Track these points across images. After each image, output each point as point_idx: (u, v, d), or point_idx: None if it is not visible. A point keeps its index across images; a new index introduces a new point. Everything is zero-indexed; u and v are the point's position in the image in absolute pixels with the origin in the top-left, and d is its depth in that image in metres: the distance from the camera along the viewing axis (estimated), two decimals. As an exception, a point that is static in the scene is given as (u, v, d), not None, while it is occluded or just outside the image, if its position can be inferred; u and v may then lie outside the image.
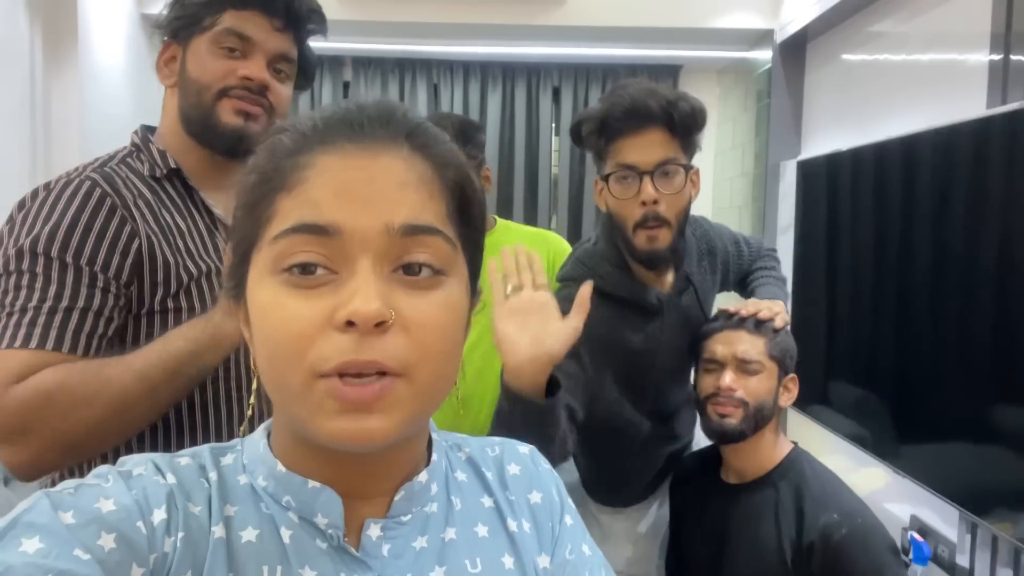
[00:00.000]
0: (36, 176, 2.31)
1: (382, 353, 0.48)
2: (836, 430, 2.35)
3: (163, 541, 0.49)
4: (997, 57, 1.84)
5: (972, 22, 1.95)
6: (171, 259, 1.01)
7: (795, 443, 1.40)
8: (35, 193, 0.98)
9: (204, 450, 0.57)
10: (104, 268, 0.95)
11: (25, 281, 0.92)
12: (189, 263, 1.03)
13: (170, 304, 1.01)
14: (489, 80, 3.68)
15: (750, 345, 1.36)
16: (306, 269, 0.49)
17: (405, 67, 3.65)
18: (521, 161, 3.69)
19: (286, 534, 0.53)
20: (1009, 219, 1.62)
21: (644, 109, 1.25)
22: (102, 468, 0.52)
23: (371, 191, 0.50)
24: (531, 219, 3.75)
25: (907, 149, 1.99)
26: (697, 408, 1.45)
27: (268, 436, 0.58)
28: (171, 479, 0.52)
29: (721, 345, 1.39)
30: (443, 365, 0.52)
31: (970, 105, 1.94)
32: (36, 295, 0.92)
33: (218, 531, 0.51)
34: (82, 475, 0.51)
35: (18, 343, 0.89)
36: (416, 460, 0.60)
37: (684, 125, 1.27)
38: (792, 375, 1.39)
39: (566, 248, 1.84)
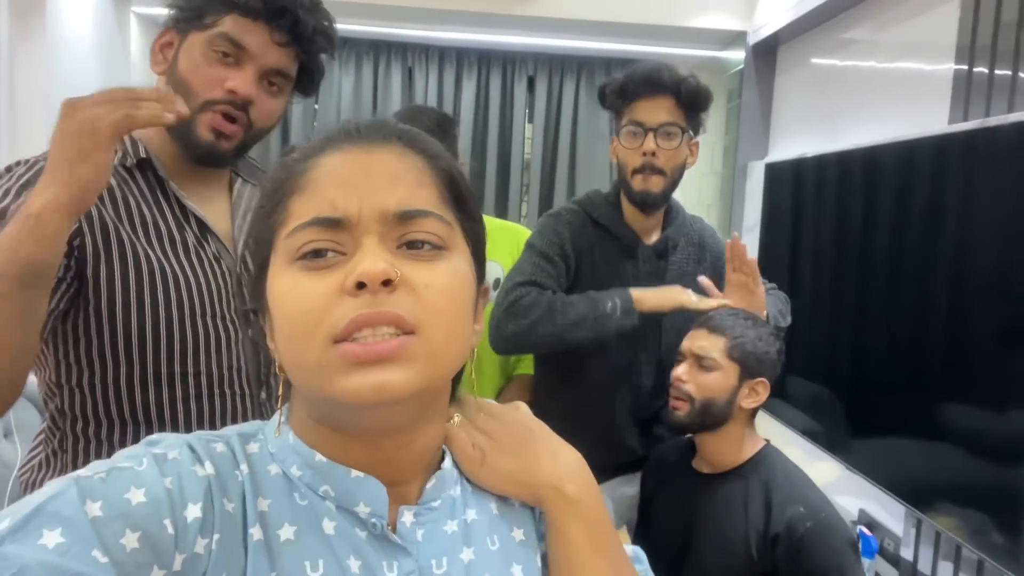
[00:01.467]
0: (1, 144, 2.26)
1: (394, 305, 0.50)
2: (790, 424, 2.43)
3: (195, 541, 0.49)
4: (962, 68, 1.90)
5: (939, 34, 2.02)
6: (136, 246, 1.00)
7: (767, 440, 1.45)
8: (8, 168, 0.97)
9: (232, 435, 0.57)
10: None
11: None
12: (151, 253, 1.02)
13: (140, 299, 0.99)
14: (464, 67, 3.67)
15: (708, 343, 1.41)
16: (318, 254, 0.53)
17: (380, 49, 3.63)
18: (494, 146, 3.71)
19: (329, 525, 0.55)
20: (961, 229, 1.70)
21: (657, 79, 1.52)
22: (136, 448, 0.52)
23: (368, 182, 0.54)
24: (502, 202, 3.78)
25: (870, 159, 2.06)
26: None
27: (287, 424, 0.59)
28: (209, 469, 0.52)
29: (687, 340, 1.45)
30: (452, 327, 0.54)
31: (934, 115, 2.01)
32: None
33: (256, 533, 0.52)
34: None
35: None
36: (438, 445, 0.62)
37: (689, 97, 1.53)
38: (762, 379, 1.41)
39: None
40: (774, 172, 2.66)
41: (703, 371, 1.40)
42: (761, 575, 1.31)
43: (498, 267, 1.77)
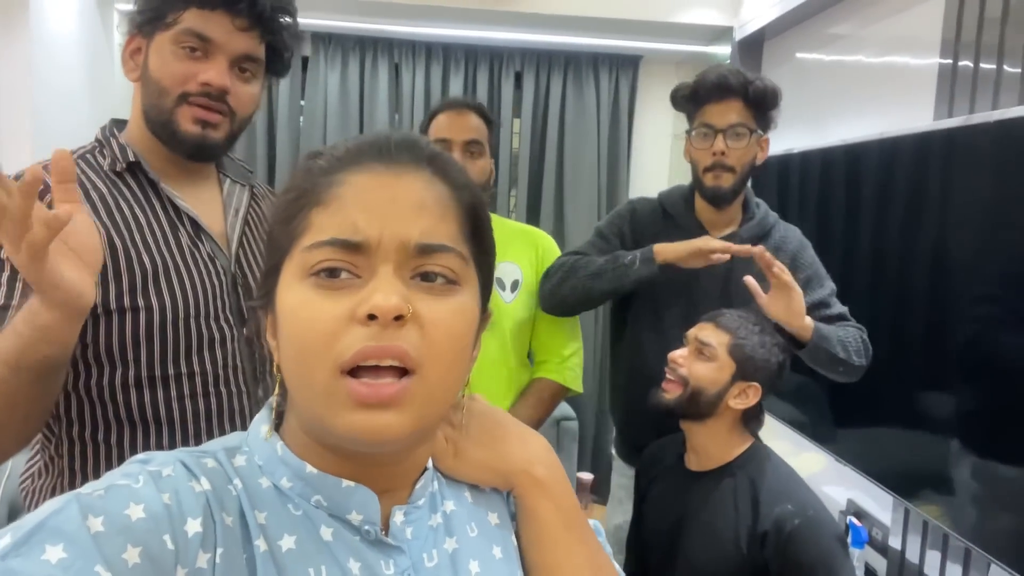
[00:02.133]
0: (-16, 146, 2.24)
1: (400, 340, 0.52)
2: (778, 416, 2.45)
3: (197, 556, 0.49)
4: (947, 63, 1.93)
5: (924, 29, 2.04)
6: (130, 249, 1.00)
7: (757, 438, 1.47)
8: None
9: (219, 450, 0.58)
10: None
11: None
12: (145, 256, 1.01)
13: (133, 303, 1.00)
14: (451, 63, 3.67)
15: (713, 335, 1.43)
16: (332, 273, 0.53)
17: (366, 45, 3.61)
18: (481, 143, 3.70)
19: (326, 532, 0.56)
20: (943, 222, 1.73)
21: (726, 84, 1.61)
22: (132, 466, 0.52)
23: (392, 210, 0.54)
24: (491, 196, 3.77)
25: (854, 155, 2.08)
26: None
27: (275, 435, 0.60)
28: (205, 484, 0.53)
29: (694, 329, 1.48)
30: (451, 366, 0.56)
31: (919, 109, 2.03)
32: None
33: (261, 544, 0.53)
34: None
35: None
36: (427, 454, 0.65)
37: (757, 99, 1.61)
38: (754, 384, 1.41)
39: (555, 247, 1.86)
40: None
41: (701, 359, 1.42)
42: (750, 572, 1.33)
43: (516, 269, 1.77)
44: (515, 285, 1.77)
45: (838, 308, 1.69)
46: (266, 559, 0.53)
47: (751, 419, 1.46)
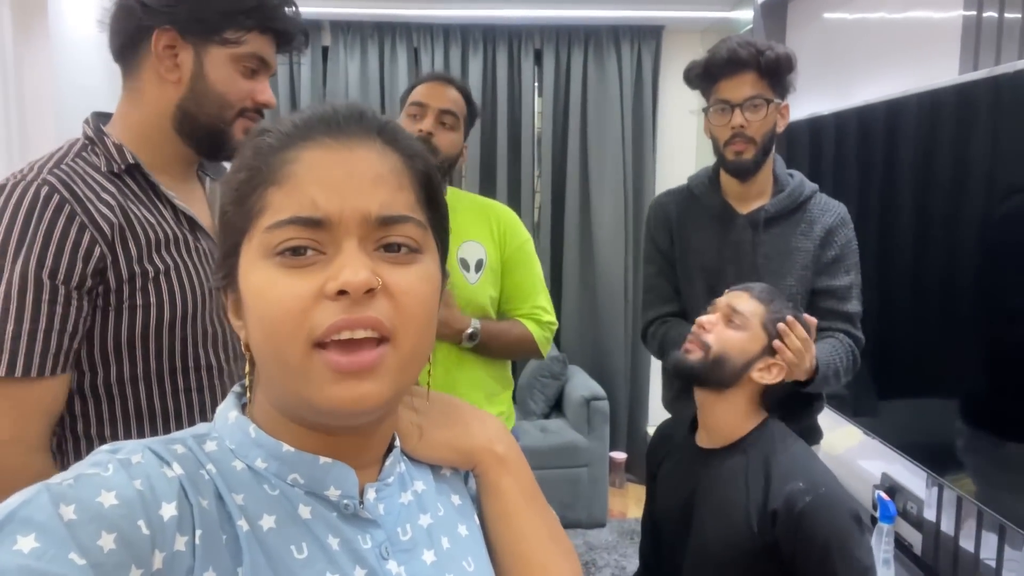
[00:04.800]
0: (11, 148, 2.29)
1: (373, 311, 0.52)
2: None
3: (174, 539, 0.49)
4: (971, 14, 1.83)
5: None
6: (143, 249, 1.01)
7: (769, 414, 1.42)
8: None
9: (187, 438, 0.57)
10: (66, 280, 0.94)
11: None
12: (156, 256, 1.02)
13: (145, 300, 1.01)
14: (470, 43, 3.64)
15: (748, 305, 1.38)
16: (296, 252, 0.53)
17: (384, 31, 3.60)
18: (504, 123, 3.68)
19: (304, 510, 0.57)
20: (988, 184, 1.63)
21: (737, 58, 1.59)
22: (99, 455, 0.51)
23: (350, 184, 0.54)
24: (515, 177, 3.76)
25: (871, 115, 2.00)
26: None
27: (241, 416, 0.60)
28: (177, 469, 0.53)
29: (725, 296, 1.43)
30: (423, 332, 0.56)
31: (945, 63, 1.94)
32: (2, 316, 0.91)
33: (244, 524, 0.53)
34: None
35: None
36: (392, 429, 0.66)
37: (770, 69, 1.60)
38: (780, 362, 1.37)
39: (515, 221, 1.82)
40: (790, 132, 2.60)
41: (731, 327, 1.38)
42: (761, 550, 1.28)
43: (480, 248, 1.73)
44: (479, 265, 1.74)
45: (847, 307, 1.63)
46: (250, 538, 0.53)
47: (769, 396, 1.41)
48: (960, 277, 1.71)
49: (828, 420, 2.32)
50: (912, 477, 2.03)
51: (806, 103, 2.81)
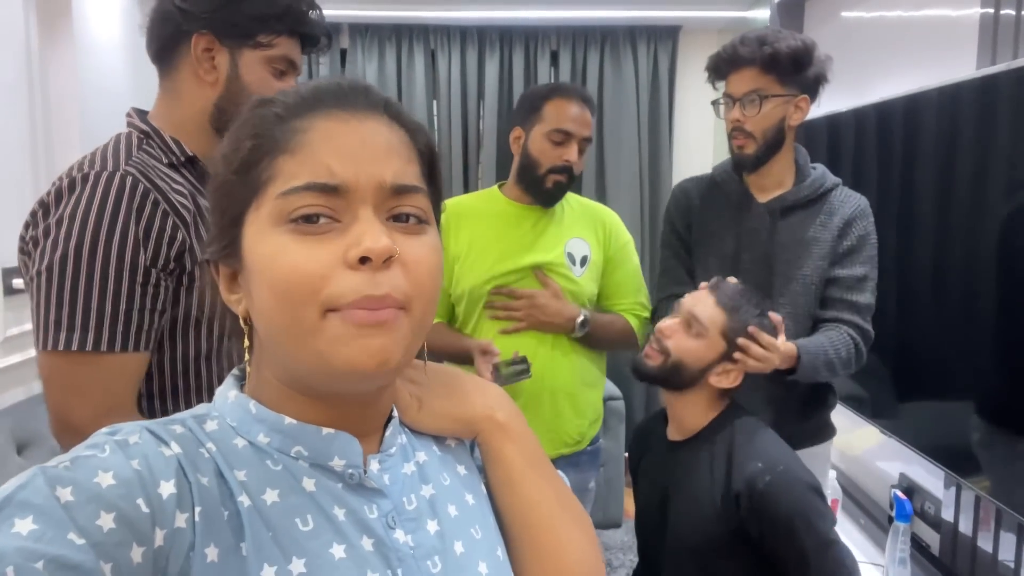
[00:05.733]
0: (37, 153, 2.33)
1: (391, 286, 0.54)
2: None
3: (175, 516, 0.49)
4: (988, 11, 1.82)
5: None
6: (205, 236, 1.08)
7: (732, 401, 1.44)
8: (71, 185, 1.00)
9: (187, 418, 0.58)
10: (153, 262, 1.01)
11: (82, 282, 0.98)
12: None
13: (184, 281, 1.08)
14: (487, 45, 3.65)
15: (705, 309, 1.40)
16: (310, 219, 0.54)
17: (402, 34, 3.63)
18: (521, 126, 3.68)
19: (308, 483, 0.57)
20: (1012, 180, 1.61)
21: (736, 54, 1.64)
22: (97, 437, 0.52)
23: (364, 153, 0.55)
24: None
25: (904, 109, 1.98)
26: None
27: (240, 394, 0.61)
28: (176, 448, 0.53)
29: (689, 297, 1.45)
30: (432, 302, 0.58)
31: (962, 61, 1.92)
32: (95, 297, 0.98)
33: (245, 500, 0.54)
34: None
35: (88, 347, 0.97)
36: (392, 399, 0.67)
37: (775, 63, 1.60)
38: (737, 367, 1.39)
39: (619, 224, 1.96)
40: (808, 130, 2.59)
41: (690, 334, 1.39)
42: (731, 533, 1.30)
43: (585, 245, 1.85)
44: (584, 260, 1.84)
45: (857, 297, 1.62)
46: (251, 513, 0.53)
47: (730, 391, 1.43)
48: (980, 275, 1.70)
49: (847, 420, 2.31)
50: (930, 478, 2.01)
51: (824, 101, 2.79)
